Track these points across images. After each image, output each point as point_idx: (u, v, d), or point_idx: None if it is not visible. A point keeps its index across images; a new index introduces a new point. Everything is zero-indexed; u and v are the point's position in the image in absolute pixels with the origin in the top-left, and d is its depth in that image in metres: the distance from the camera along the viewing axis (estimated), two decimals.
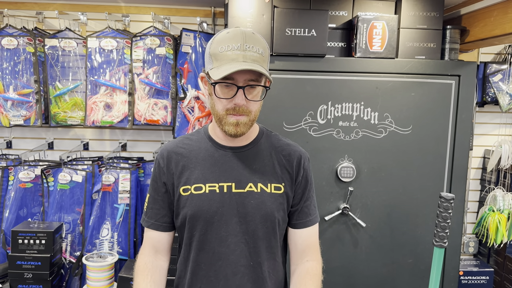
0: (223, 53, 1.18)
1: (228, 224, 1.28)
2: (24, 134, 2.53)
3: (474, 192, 2.65)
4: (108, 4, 2.42)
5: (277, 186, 1.32)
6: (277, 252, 1.36)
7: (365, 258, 2.08)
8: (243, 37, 1.19)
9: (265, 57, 1.22)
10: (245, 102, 1.21)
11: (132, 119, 2.27)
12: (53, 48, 2.26)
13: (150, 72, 2.25)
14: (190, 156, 1.33)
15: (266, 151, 1.35)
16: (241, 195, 1.29)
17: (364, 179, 2.03)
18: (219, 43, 1.20)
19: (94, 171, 2.29)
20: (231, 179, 1.30)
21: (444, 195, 1.13)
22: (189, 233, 1.31)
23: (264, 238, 1.31)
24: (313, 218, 1.41)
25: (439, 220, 1.16)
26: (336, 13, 2.06)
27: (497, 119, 2.61)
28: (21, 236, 2.10)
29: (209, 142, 1.35)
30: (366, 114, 2.00)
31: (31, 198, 2.32)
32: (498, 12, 1.89)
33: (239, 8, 1.93)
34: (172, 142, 1.39)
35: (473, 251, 2.64)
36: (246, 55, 1.18)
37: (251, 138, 1.35)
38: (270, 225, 1.31)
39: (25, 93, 2.24)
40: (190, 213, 1.28)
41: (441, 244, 1.18)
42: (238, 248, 1.28)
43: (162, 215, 1.36)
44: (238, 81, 1.19)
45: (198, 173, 1.30)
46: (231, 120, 1.23)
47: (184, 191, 1.30)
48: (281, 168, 1.34)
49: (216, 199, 1.28)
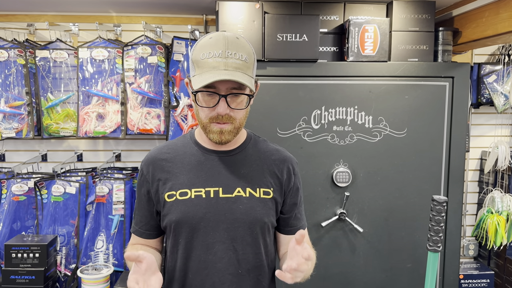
0: (204, 60, 1.15)
1: (215, 231, 1.25)
2: (17, 146, 2.51)
3: (472, 194, 2.63)
4: (99, 14, 2.41)
5: (266, 191, 1.29)
6: (266, 259, 1.33)
7: (363, 264, 2.06)
8: (225, 43, 1.15)
9: (250, 63, 1.19)
10: (228, 111, 1.18)
11: (125, 128, 2.25)
12: (44, 59, 2.24)
13: (142, 81, 2.23)
14: (175, 161, 1.30)
15: (254, 155, 1.32)
16: (229, 200, 1.26)
17: (360, 183, 2.02)
18: (201, 49, 1.17)
19: (88, 182, 2.27)
20: (218, 183, 1.27)
21: (436, 198, 1.11)
22: (175, 240, 1.28)
23: (253, 245, 1.28)
24: (305, 221, 1.42)
25: (432, 224, 1.14)
26: (327, 17, 2.06)
27: (493, 120, 2.60)
28: (15, 250, 2.08)
29: (195, 146, 1.32)
30: (360, 118, 1.99)
31: (24, 211, 2.29)
32: (490, 13, 1.89)
33: (230, 15, 1.92)
34: (157, 148, 1.36)
35: (473, 254, 2.61)
36: (227, 62, 1.14)
37: (239, 143, 1.33)
38: (259, 231, 1.28)
39: (16, 105, 2.22)
40: (175, 219, 1.25)
41: (435, 249, 1.16)
42: (226, 255, 1.25)
43: (144, 222, 1.35)
44: (220, 89, 1.16)
45: (183, 178, 1.27)
46: (214, 128, 1.20)
47: (169, 197, 1.27)
48: (270, 173, 1.31)
49: (202, 204, 1.25)
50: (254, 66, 1.24)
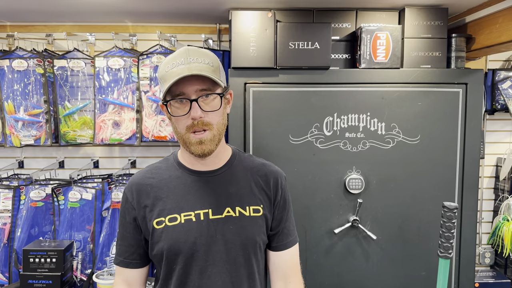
0: (168, 72, 1.15)
1: (208, 254, 1.22)
2: (35, 153, 2.57)
3: (488, 202, 2.60)
4: (115, 24, 2.47)
5: (256, 208, 1.27)
6: (260, 278, 1.31)
7: (376, 271, 2.05)
8: (187, 52, 1.16)
9: (215, 67, 1.18)
10: (202, 114, 1.16)
11: (140, 136, 2.29)
12: (62, 68, 2.30)
13: (157, 89, 2.27)
14: (161, 186, 1.27)
15: (241, 173, 1.30)
16: (219, 221, 1.23)
17: (373, 190, 2.01)
18: (164, 65, 1.18)
19: (103, 188, 2.31)
20: (207, 205, 1.24)
21: (447, 205, 1.11)
22: (167, 268, 1.25)
23: (246, 265, 1.25)
24: (293, 238, 1.36)
25: (443, 230, 1.14)
26: (339, 25, 2.07)
27: (509, 126, 2.57)
28: (32, 255, 2.12)
29: (180, 168, 1.29)
30: (373, 125, 1.99)
31: (42, 216, 2.34)
32: (504, 19, 1.88)
33: (243, 23, 1.94)
34: (140, 173, 1.32)
35: (489, 262, 2.57)
36: (191, 67, 1.13)
37: (224, 161, 1.30)
38: (252, 250, 1.25)
39: (35, 113, 2.28)
40: (167, 247, 1.22)
41: (446, 255, 1.15)
42: (220, 278, 1.23)
43: (131, 252, 1.30)
44: (190, 94, 1.15)
45: (171, 202, 1.24)
46: (193, 139, 1.18)
47: (158, 223, 1.23)
48: (259, 189, 1.29)
49: (193, 228, 1.22)
50: (221, 71, 1.22)
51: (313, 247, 2.01)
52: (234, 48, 1.95)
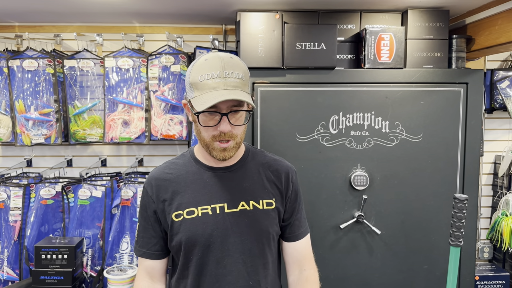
0: (203, 82, 1.18)
1: (224, 245, 1.29)
2: (43, 152, 2.60)
3: (487, 198, 2.67)
4: (123, 25, 2.52)
5: (269, 201, 1.34)
6: (273, 267, 1.39)
7: (380, 265, 2.11)
8: (222, 63, 1.19)
9: (246, 81, 1.23)
10: (231, 128, 1.22)
11: (149, 134, 2.34)
12: (72, 68, 2.35)
13: (165, 89, 2.32)
14: (179, 181, 1.33)
15: (254, 168, 1.37)
16: (234, 214, 1.30)
17: (377, 187, 2.07)
18: (198, 71, 1.20)
19: (113, 186, 2.36)
20: (223, 199, 1.31)
21: (458, 196, 1.19)
22: (186, 258, 1.32)
23: (261, 256, 1.33)
24: (304, 229, 1.44)
25: (454, 220, 1.20)
26: (344, 26, 2.13)
27: (507, 125, 2.64)
28: (44, 251, 2.16)
29: (196, 164, 1.35)
30: (377, 123, 2.05)
31: (52, 214, 2.38)
32: (503, 21, 1.95)
33: (251, 25, 2.00)
34: (158, 168, 1.38)
35: (488, 257, 2.65)
36: (226, 82, 1.17)
37: (238, 157, 1.37)
38: (265, 242, 1.33)
39: (45, 112, 2.32)
40: (185, 239, 1.29)
41: (457, 243, 1.22)
42: (235, 268, 1.30)
43: (153, 243, 1.36)
44: (221, 108, 1.20)
45: (188, 197, 1.31)
46: (218, 147, 1.25)
47: (177, 216, 1.30)
48: (270, 183, 1.36)
49: (209, 221, 1.29)
50: (249, 83, 1.28)
51: (318, 242, 2.07)
52: (243, 48, 2.00)
